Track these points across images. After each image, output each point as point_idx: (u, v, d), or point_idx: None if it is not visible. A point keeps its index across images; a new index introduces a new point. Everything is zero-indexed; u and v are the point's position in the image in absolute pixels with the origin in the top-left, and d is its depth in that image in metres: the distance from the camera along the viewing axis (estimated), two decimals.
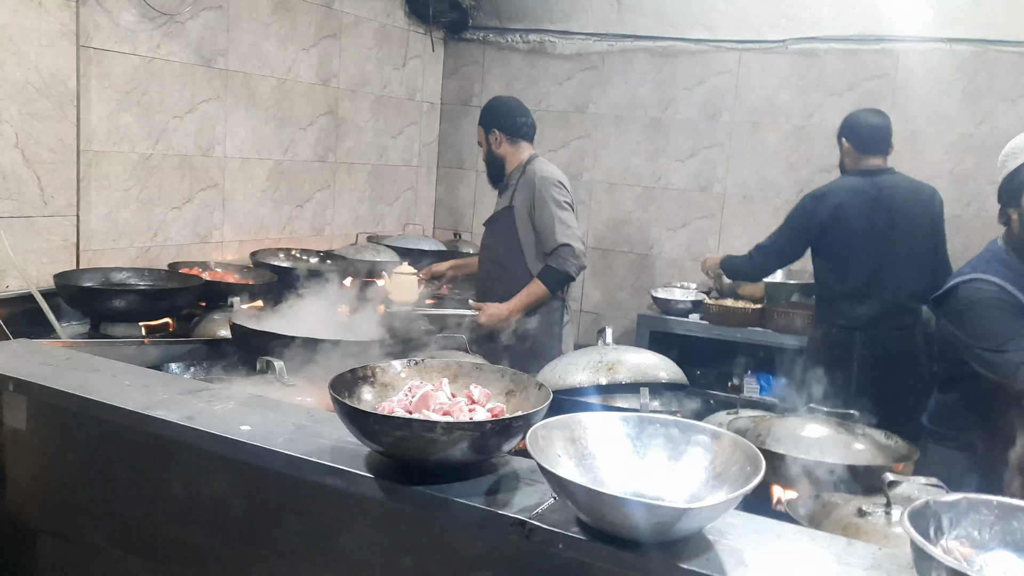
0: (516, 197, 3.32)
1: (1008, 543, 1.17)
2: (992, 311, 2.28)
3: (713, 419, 2.26)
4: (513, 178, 3.37)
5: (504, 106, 3.47)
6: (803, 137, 4.52)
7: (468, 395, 1.60)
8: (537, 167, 3.33)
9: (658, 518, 1.18)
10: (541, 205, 3.23)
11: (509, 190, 3.37)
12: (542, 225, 3.23)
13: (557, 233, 3.17)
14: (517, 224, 3.31)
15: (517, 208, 3.31)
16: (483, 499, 1.40)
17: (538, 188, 3.24)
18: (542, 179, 3.26)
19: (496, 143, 3.40)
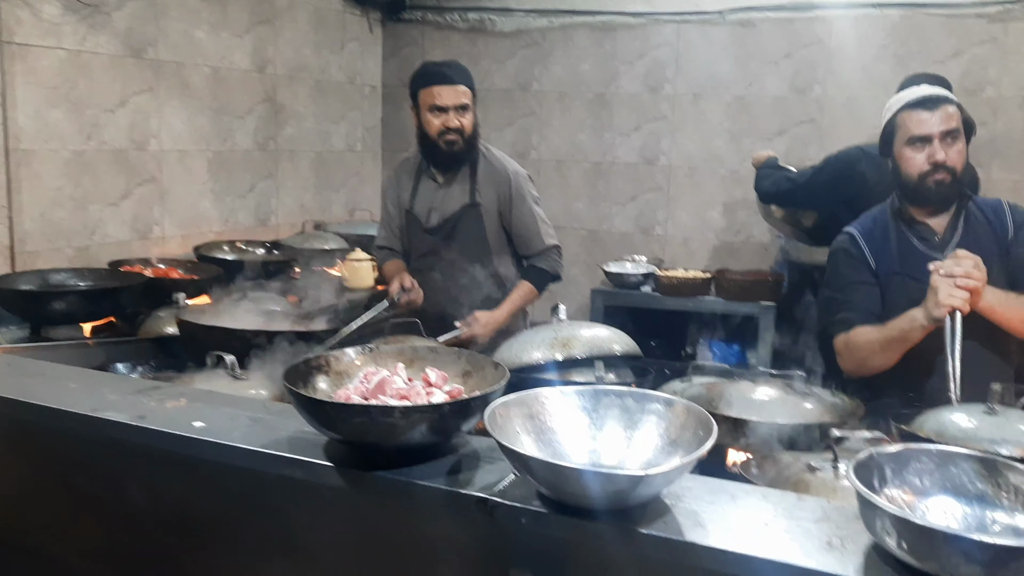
0: (481, 193, 2.92)
1: (947, 488, 1.23)
2: (835, 260, 2.35)
3: (668, 387, 2.29)
4: (462, 168, 2.96)
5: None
6: (744, 107, 4.59)
7: (425, 378, 1.60)
8: (495, 156, 2.99)
9: (616, 486, 1.21)
10: (519, 203, 2.93)
11: (461, 182, 2.95)
12: (523, 226, 2.93)
13: (543, 235, 2.96)
14: (485, 224, 2.93)
15: (485, 206, 2.92)
16: (445, 480, 1.40)
17: (514, 185, 2.92)
18: (516, 174, 2.95)
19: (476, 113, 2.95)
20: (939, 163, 2.17)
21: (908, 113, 2.21)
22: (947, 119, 2.17)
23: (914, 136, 2.20)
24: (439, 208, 2.96)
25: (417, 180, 3.01)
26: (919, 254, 2.22)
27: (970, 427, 1.64)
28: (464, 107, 2.85)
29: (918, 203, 2.27)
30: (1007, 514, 1.18)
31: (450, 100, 2.82)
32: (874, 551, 1.15)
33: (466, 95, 2.86)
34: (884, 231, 2.31)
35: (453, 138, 2.85)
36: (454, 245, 2.95)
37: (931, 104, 2.19)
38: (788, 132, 4.44)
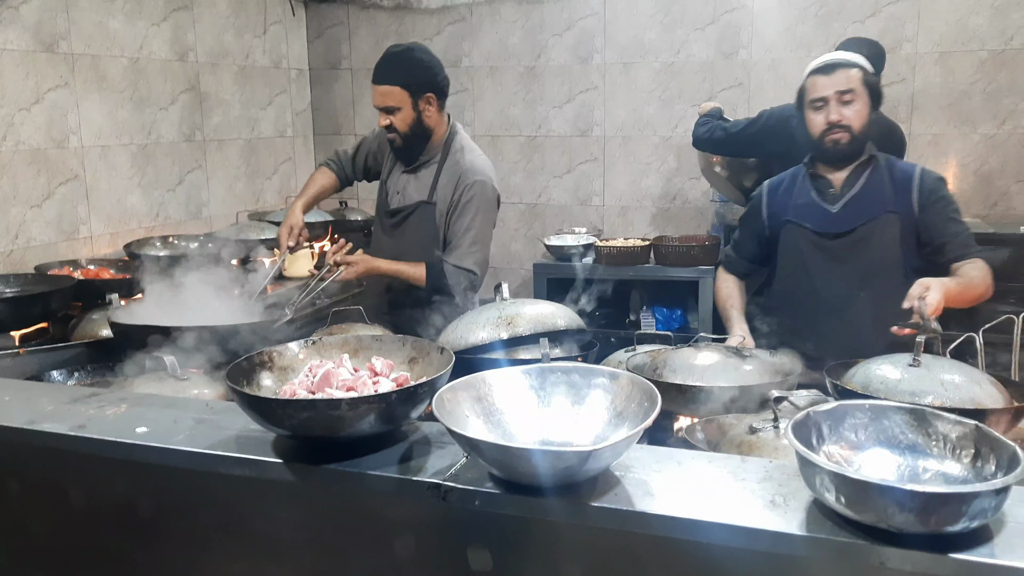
0: (438, 190, 2.76)
1: (881, 440, 1.28)
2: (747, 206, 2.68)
3: (613, 358, 2.34)
4: (433, 159, 2.79)
5: (436, 60, 2.75)
6: (673, 73, 4.63)
7: (370, 368, 1.60)
8: (467, 160, 2.77)
9: (565, 463, 1.23)
10: (463, 214, 2.74)
11: (426, 176, 2.81)
12: (453, 234, 2.76)
13: (464, 253, 2.74)
14: (437, 223, 2.79)
15: (439, 206, 2.77)
16: (396, 468, 1.41)
17: (467, 195, 2.73)
18: (475, 184, 2.73)
19: (428, 111, 2.71)
20: (834, 122, 2.33)
21: (811, 78, 2.39)
22: (843, 82, 2.32)
23: (813, 99, 2.37)
24: (402, 193, 2.86)
25: (395, 158, 2.91)
26: (813, 205, 2.43)
27: (896, 379, 1.70)
28: (391, 109, 2.67)
29: (822, 160, 2.44)
30: (937, 461, 1.25)
31: (376, 101, 2.69)
32: (815, 506, 1.20)
33: (392, 95, 2.65)
34: (792, 184, 2.51)
35: (391, 137, 2.74)
36: (406, 235, 2.85)
37: (828, 69, 2.35)
38: (717, 96, 4.49)
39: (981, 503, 1.03)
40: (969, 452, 1.21)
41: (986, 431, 1.19)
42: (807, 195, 2.45)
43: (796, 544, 1.15)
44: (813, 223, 2.41)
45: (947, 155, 4.30)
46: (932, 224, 2.32)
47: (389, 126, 2.70)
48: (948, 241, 2.29)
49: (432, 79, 2.70)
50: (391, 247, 2.86)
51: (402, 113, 2.67)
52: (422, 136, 2.74)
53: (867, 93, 2.34)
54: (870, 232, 2.34)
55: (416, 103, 2.67)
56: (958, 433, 1.22)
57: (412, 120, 2.69)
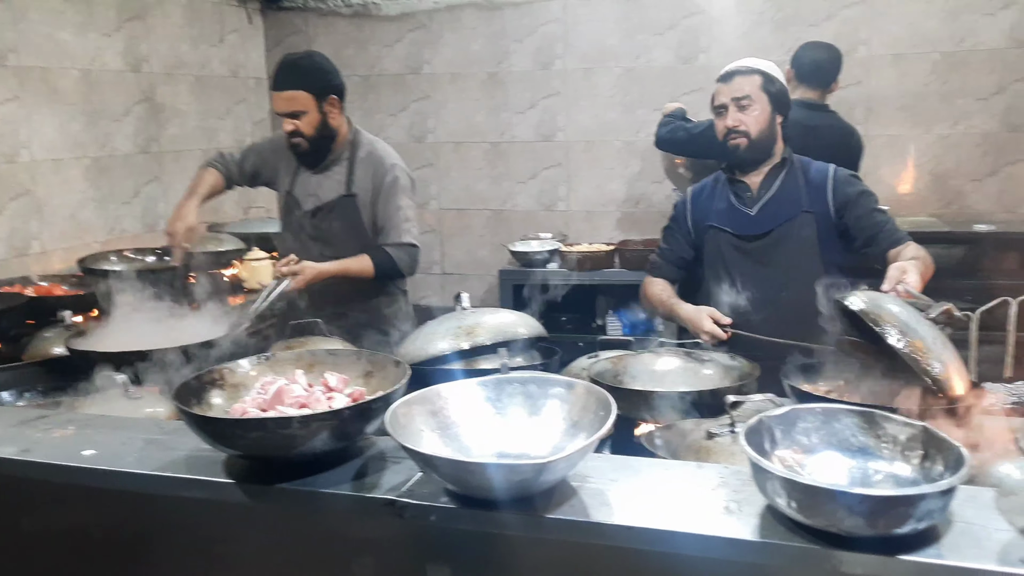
0: (356, 183, 2.85)
1: (832, 443, 1.29)
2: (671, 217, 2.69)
3: (576, 364, 2.33)
4: (341, 157, 2.88)
5: (332, 64, 2.84)
6: (635, 78, 4.65)
7: (324, 383, 1.57)
8: (380, 149, 2.89)
9: (520, 476, 1.22)
10: (391, 196, 2.83)
11: (338, 172, 2.87)
12: (385, 217, 2.84)
13: (402, 230, 2.83)
14: (361, 213, 2.86)
15: (360, 196, 2.84)
16: (351, 485, 1.39)
17: (390, 178, 2.83)
18: (394, 167, 2.85)
19: (332, 113, 2.79)
20: (730, 127, 2.40)
21: (716, 86, 2.47)
22: (739, 89, 2.39)
23: (715, 106, 2.46)
24: (315, 193, 2.89)
25: (299, 164, 2.91)
26: (733, 209, 2.48)
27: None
28: (297, 113, 2.71)
29: (729, 163, 2.52)
30: (887, 463, 1.25)
31: (281, 106, 2.73)
32: (768, 512, 1.20)
33: (296, 100, 2.70)
34: (712, 189, 2.56)
35: (296, 141, 2.77)
36: (331, 233, 2.88)
37: (727, 77, 2.43)
38: (678, 101, 4.51)
39: (928, 504, 1.04)
40: (918, 453, 1.22)
41: (934, 432, 1.20)
42: (726, 199, 2.50)
43: (750, 550, 1.15)
44: (733, 227, 2.46)
45: (903, 156, 4.37)
46: (858, 218, 2.37)
47: (294, 131, 2.75)
48: (879, 232, 2.34)
49: (333, 82, 2.79)
50: (319, 248, 2.87)
51: (308, 117, 2.74)
52: (328, 137, 2.81)
53: (767, 99, 2.40)
54: (788, 233, 2.40)
55: (321, 106, 2.75)
56: (907, 435, 1.24)
57: (318, 123, 2.76)
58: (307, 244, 2.91)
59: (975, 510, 1.17)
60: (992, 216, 4.24)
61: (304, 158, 2.86)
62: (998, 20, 4.11)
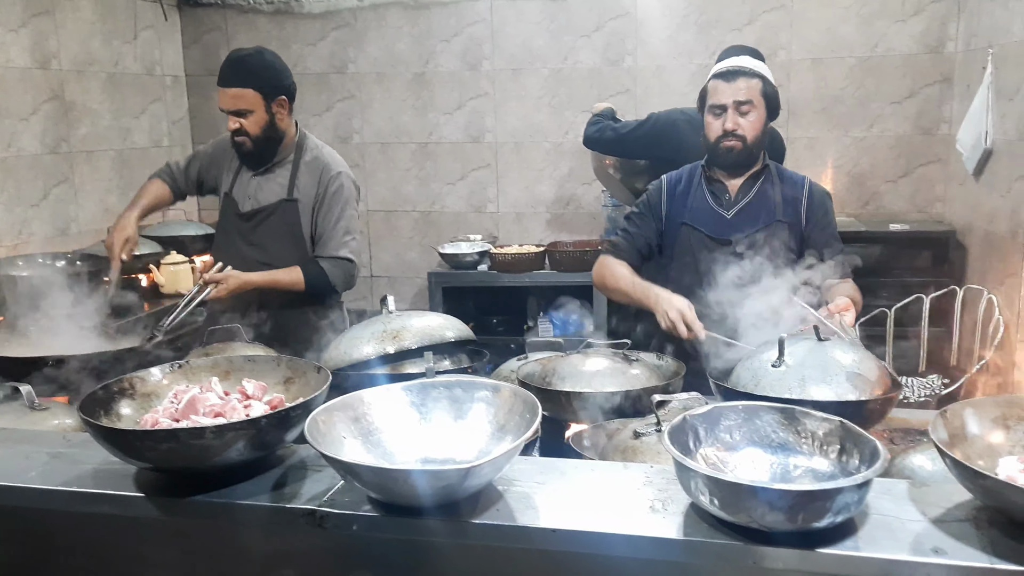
0: (299, 187, 2.74)
1: (754, 440, 1.30)
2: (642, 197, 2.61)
3: (506, 367, 2.32)
4: (286, 160, 2.77)
5: (283, 63, 2.74)
6: (562, 80, 4.67)
7: (241, 391, 1.52)
8: (326, 154, 2.79)
9: (444, 481, 1.19)
10: (332, 206, 2.73)
11: (281, 175, 2.77)
12: (324, 227, 2.74)
13: (341, 246, 2.73)
14: (302, 220, 2.75)
15: (302, 202, 2.74)
16: (269, 495, 1.34)
17: (335, 186, 2.73)
18: (340, 175, 2.75)
19: (280, 114, 2.69)
20: (729, 131, 2.36)
21: (714, 83, 2.40)
22: (741, 91, 2.34)
23: (713, 105, 2.39)
24: (254, 196, 2.78)
25: (240, 165, 2.81)
26: (709, 210, 2.45)
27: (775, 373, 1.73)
28: (243, 112, 2.62)
29: (715, 164, 2.47)
30: (807, 458, 1.28)
31: (226, 103, 2.63)
32: (692, 510, 1.20)
33: (244, 98, 2.61)
34: (689, 184, 2.52)
35: (240, 140, 2.68)
36: (266, 239, 2.77)
37: (730, 76, 2.36)
38: (605, 102, 4.55)
39: (845, 498, 1.06)
40: (835, 448, 1.24)
41: (850, 427, 1.23)
42: (703, 199, 2.47)
43: (674, 549, 1.15)
44: (708, 227, 2.44)
45: (822, 158, 4.50)
46: (817, 240, 2.39)
47: (239, 130, 2.66)
48: (830, 260, 2.36)
49: (283, 82, 2.70)
50: (255, 253, 2.76)
51: (255, 116, 2.65)
52: (275, 139, 2.71)
53: (764, 104, 2.38)
54: (762, 239, 2.38)
55: (269, 106, 2.65)
56: (825, 430, 1.26)
57: (265, 123, 2.67)
58: (240, 248, 2.80)
59: (890, 502, 1.20)
60: (906, 216, 4.41)
61: (247, 159, 2.76)
62: (909, 26, 4.27)
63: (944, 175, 4.38)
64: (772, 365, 1.66)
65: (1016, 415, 1.28)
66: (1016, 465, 1.16)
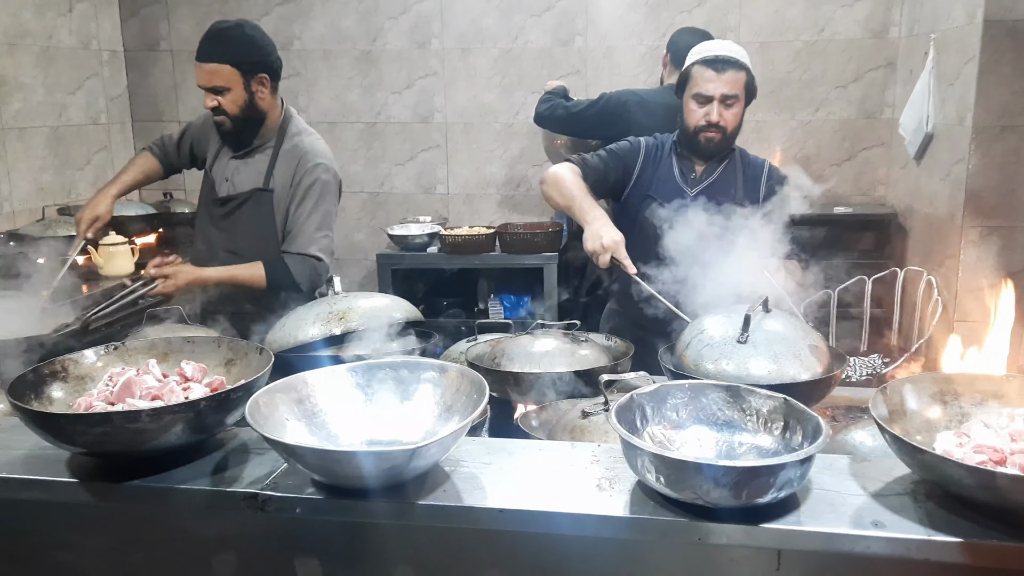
0: (276, 177, 2.58)
1: (700, 418, 1.31)
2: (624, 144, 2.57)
3: (455, 348, 2.30)
4: (267, 144, 2.62)
5: (268, 38, 2.57)
6: (512, 60, 4.64)
7: (180, 372, 1.48)
8: (307, 143, 2.62)
9: (389, 463, 1.17)
10: (306, 199, 2.58)
11: (260, 161, 2.62)
12: (295, 221, 2.59)
13: (310, 242, 2.58)
14: (276, 212, 2.59)
15: (277, 193, 2.58)
16: (209, 479, 1.31)
17: (311, 178, 2.57)
18: (318, 167, 2.58)
19: (261, 93, 2.53)
20: (713, 122, 2.35)
21: (700, 69, 2.36)
22: (729, 84, 2.32)
23: (698, 93, 2.36)
24: (231, 180, 2.64)
25: (221, 143, 2.68)
26: (675, 186, 2.46)
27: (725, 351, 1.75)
28: (220, 89, 2.47)
29: (689, 150, 2.48)
30: (752, 435, 1.29)
31: (203, 80, 2.48)
32: (639, 488, 1.21)
33: (221, 74, 2.45)
34: (660, 155, 2.52)
35: (219, 120, 2.54)
36: (239, 226, 2.63)
37: (719, 66, 2.33)
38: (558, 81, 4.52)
39: (788, 473, 1.07)
40: (779, 425, 1.26)
41: (794, 404, 1.24)
42: (669, 171, 2.48)
43: (620, 527, 1.16)
44: (670, 204, 2.39)
45: (769, 141, 4.55)
46: (769, 222, 2.39)
47: (216, 108, 2.51)
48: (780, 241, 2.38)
49: (266, 59, 2.54)
50: (222, 240, 2.64)
51: (232, 94, 2.49)
52: (255, 120, 2.56)
53: (745, 96, 2.38)
54: (719, 218, 2.34)
55: (248, 84, 2.50)
56: (769, 407, 1.27)
57: (244, 102, 2.51)
58: (210, 232, 2.68)
59: (832, 477, 1.21)
60: (849, 199, 4.49)
61: (226, 138, 2.61)
62: (854, 11, 4.33)
63: (887, 159, 4.47)
64: (738, 341, 1.67)
65: (953, 391, 1.31)
66: (952, 440, 1.19)
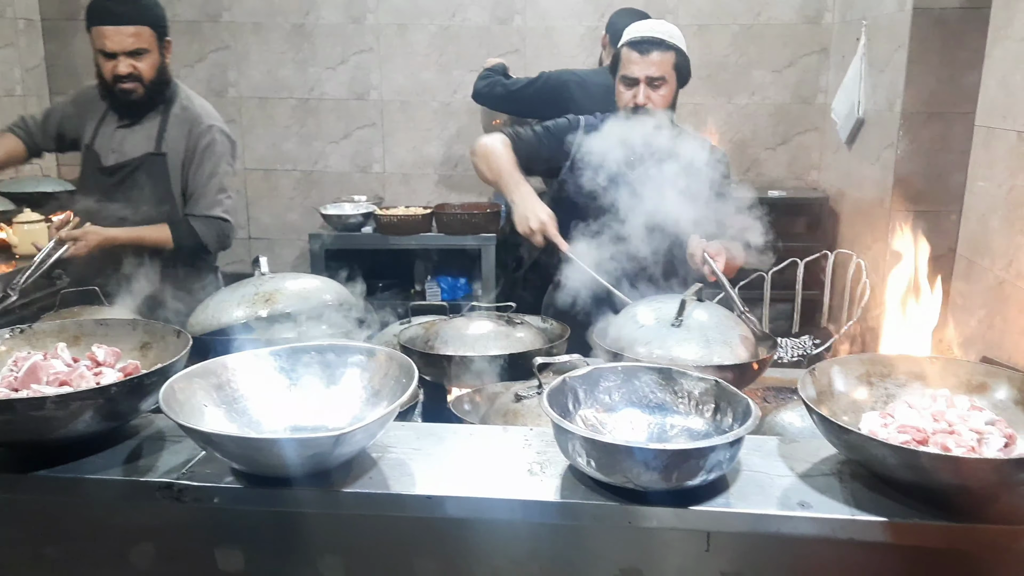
0: (167, 140, 2.57)
1: (633, 401, 1.30)
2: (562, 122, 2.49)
3: (389, 331, 2.25)
4: (153, 111, 2.59)
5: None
6: (450, 37, 4.56)
7: (91, 357, 1.40)
8: (197, 105, 2.62)
9: (312, 450, 1.13)
10: (204, 161, 2.58)
11: (149, 127, 2.58)
12: (196, 184, 2.59)
13: (213, 204, 2.60)
14: (171, 176, 2.58)
15: (171, 157, 2.57)
16: (122, 469, 1.25)
17: (207, 140, 2.58)
18: (212, 128, 2.60)
19: (168, 56, 2.52)
20: (640, 105, 2.30)
21: (627, 51, 2.33)
22: (656, 65, 2.28)
23: (625, 75, 2.33)
24: (119, 149, 2.59)
25: (103, 114, 2.61)
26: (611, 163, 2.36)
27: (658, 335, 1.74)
28: (140, 52, 2.44)
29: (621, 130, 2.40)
30: (683, 417, 1.28)
31: (118, 45, 2.42)
32: (570, 472, 1.19)
33: (142, 36, 2.44)
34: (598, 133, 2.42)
35: (130, 87, 2.48)
36: (133, 195, 2.57)
37: (644, 48, 2.29)
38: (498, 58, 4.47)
39: (717, 456, 1.06)
40: (711, 407, 1.25)
41: (724, 386, 1.24)
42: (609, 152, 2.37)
43: (550, 511, 1.14)
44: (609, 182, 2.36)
45: (706, 124, 4.59)
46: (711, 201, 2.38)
47: (131, 75, 2.46)
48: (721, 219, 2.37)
49: (166, 21, 2.54)
50: (116, 210, 2.55)
51: (151, 57, 2.47)
52: (163, 84, 2.55)
53: (676, 76, 2.34)
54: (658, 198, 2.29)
55: (161, 46, 2.50)
56: (700, 389, 1.26)
57: (159, 65, 2.50)
58: (104, 206, 2.58)
59: (761, 458, 1.22)
60: (783, 183, 4.57)
61: (129, 108, 2.55)
62: None
63: (820, 143, 4.56)
64: (672, 325, 1.66)
65: (879, 372, 1.33)
66: (877, 420, 1.20)
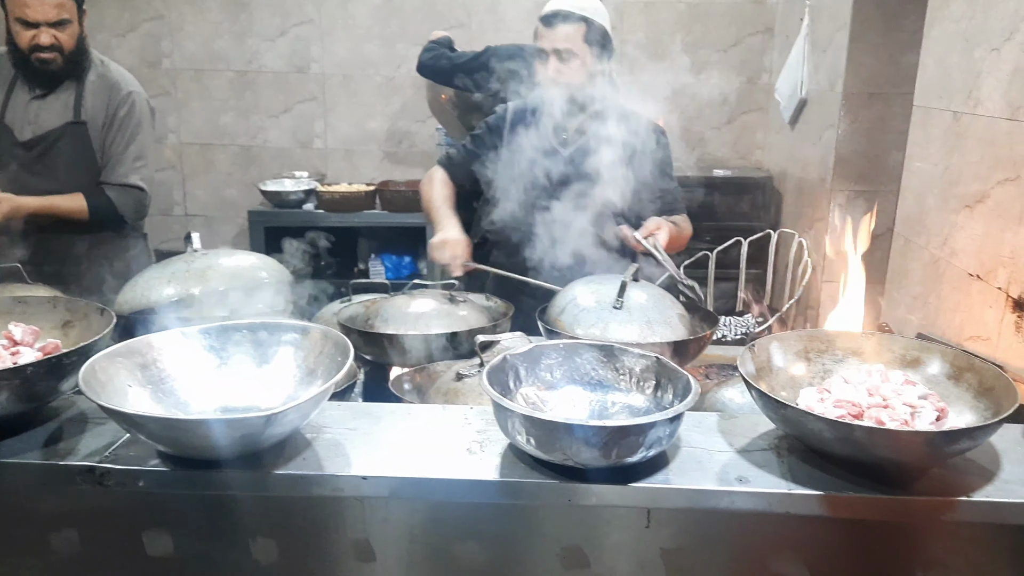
0: (86, 108, 2.51)
1: (574, 378, 1.28)
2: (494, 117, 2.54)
3: (328, 309, 2.21)
4: (70, 78, 2.54)
5: None
6: (393, 10, 4.47)
7: (8, 336, 1.33)
8: (114, 71, 2.57)
9: (242, 431, 1.09)
10: (123, 128, 2.54)
11: (64, 97, 2.52)
12: (113, 151, 2.55)
13: (130, 172, 2.56)
14: (93, 143, 2.54)
15: (91, 125, 2.53)
16: (41, 452, 1.19)
17: (126, 107, 2.54)
18: (131, 95, 2.56)
19: (85, 26, 2.49)
20: (551, 78, 2.27)
21: (538, 25, 2.31)
22: (560, 39, 2.25)
23: (538, 49, 2.30)
24: (34, 121, 2.51)
25: (11, 86, 2.51)
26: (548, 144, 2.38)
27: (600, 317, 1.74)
28: (62, 22, 2.40)
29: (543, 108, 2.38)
30: (624, 394, 1.27)
31: (40, 14, 2.36)
32: (510, 450, 1.17)
33: (65, 6, 2.39)
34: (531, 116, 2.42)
35: (49, 56, 2.42)
36: (54, 167, 2.51)
37: (550, 21, 2.27)
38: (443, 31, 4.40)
39: (657, 432, 1.05)
40: (651, 383, 1.24)
41: (665, 363, 1.23)
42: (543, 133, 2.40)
43: (489, 490, 1.12)
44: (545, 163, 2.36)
45: (651, 103, 4.57)
46: (652, 177, 2.37)
47: (52, 45, 2.40)
48: (660, 196, 2.37)
49: None
50: (38, 184, 2.48)
51: (72, 27, 2.43)
52: (82, 54, 2.50)
53: (589, 50, 2.28)
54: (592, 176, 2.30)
55: (81, 16, 2.46)
56: (641, 366, 1.25)
57: (78, 35, 2.46)
58: (23, 179, 2.51)
59: (700, 434, 1.22)
60: (728, 162, 4.61)
61: (48, 78, 2.47)
62: None
63: (764, 123, 4.61)
64: (614, 307, 1.65)
65: (817, 348, 1.34)
66: (814, 395, 1.21)
